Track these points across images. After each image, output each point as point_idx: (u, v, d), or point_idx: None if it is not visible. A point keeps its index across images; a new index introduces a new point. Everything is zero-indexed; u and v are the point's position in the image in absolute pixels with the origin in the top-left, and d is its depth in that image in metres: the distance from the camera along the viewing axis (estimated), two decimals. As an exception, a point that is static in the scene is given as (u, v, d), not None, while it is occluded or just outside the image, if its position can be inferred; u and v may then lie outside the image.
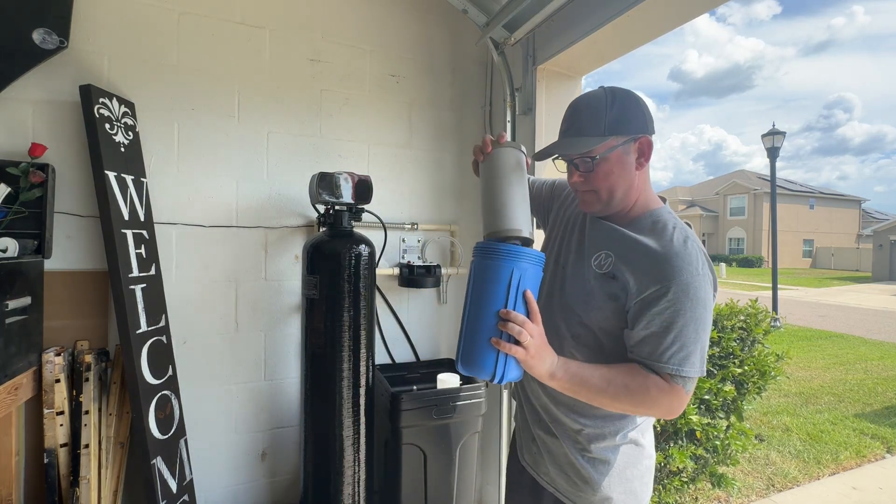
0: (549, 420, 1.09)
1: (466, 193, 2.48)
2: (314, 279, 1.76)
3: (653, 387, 0.91)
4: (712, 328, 2.51)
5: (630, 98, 1.00)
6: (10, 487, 1.58)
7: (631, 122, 0.99)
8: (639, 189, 1.03)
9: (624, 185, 1.01)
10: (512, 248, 0.94)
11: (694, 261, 0.91)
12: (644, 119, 1.00)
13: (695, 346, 0.90)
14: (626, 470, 1.02)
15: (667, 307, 0.90)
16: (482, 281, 0.94)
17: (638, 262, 0.95)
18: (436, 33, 2.40)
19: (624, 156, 0.99)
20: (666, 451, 2.44)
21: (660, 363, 0.90)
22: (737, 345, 2.61)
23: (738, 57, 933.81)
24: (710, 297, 0.92)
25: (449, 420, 1.87)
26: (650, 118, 1.01)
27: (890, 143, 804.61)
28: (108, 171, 1.63)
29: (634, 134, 0.99)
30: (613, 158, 0.99)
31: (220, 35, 1.98)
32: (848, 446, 3.71)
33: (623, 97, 1.00)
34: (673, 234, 0.95)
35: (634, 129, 0.99)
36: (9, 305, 1.46)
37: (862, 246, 31.62)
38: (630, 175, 1.00)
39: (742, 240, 35.12)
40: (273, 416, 2.12)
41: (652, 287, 0.91)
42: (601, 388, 0.92)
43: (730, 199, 36.67)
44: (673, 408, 0.92)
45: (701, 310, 0.90)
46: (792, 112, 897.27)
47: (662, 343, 0.90)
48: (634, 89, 1.02)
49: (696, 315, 0.89)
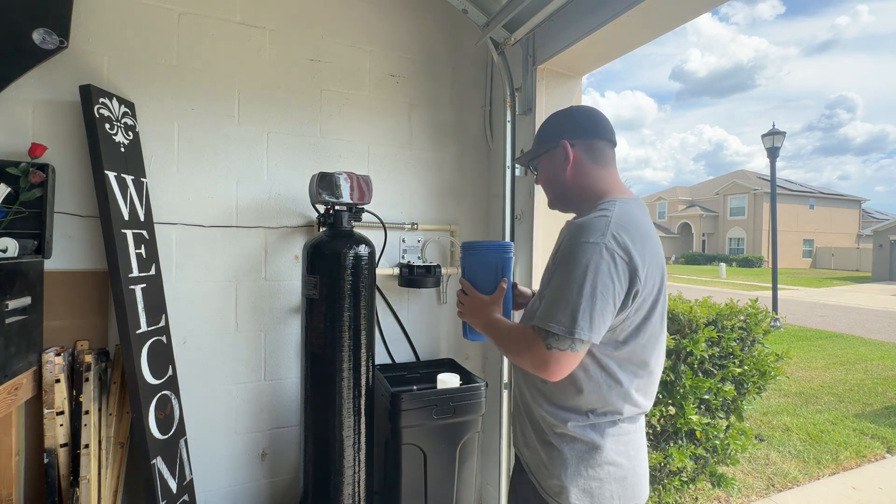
0: (522, 403, 1.19)
1: (466, 193, 2.48)
2: (314, 279, 1.76)
3: (522, 338, 1.02)
4: (711, 328, 2.52)
5: (564, 112, 1.18)
6: (11, 487, 1.58)
7: (552, 133, 1.15)
8: (582, 186, 1.12)
9: (559, 185, 1.15)
10: (462, 245, 1.27)
11: (589, 231, 0.97)
12: (562, 128, 1.14)
13: (565, 304, 0.94)
14: (580, 466, 1.04)
15: (553, 270, 1.02)
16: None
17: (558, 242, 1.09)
18: (436, 33, 2.40)
19: (549, 162, 1.16)
20: (666, 450, 2.44)
21: (533, 318, 1.01)
22: (737, 345, 2.61)
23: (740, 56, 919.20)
24: (599, 264, 0.94)
25: (449, 420, 1.87)
26: (577, 125, 1.14)
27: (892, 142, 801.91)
28: (108, 171, 1.63)
29: (554, 142, 1.14)
30: (543, 165, 1.19)
31: (221, 35, 1.98)
32: (848, 446, 3.71)
33: (559, 113, 1.18)
34: (591, 213, 1.04)
35: (555, 137, 1.14)
36: (9, 305, 1.46)
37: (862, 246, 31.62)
38: (561, 176, 1.14)
39: (742, 240, 35.12)
40: (273, 416, 2.12)
41: (551, 258, 1.07)
42: (500, 338, 1.11)
43: (730, 199, 36.67)
44: (535, 361, 0.98)
45: (579, 273, 0.94)
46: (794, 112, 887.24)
47: (539, 300, 1.02)
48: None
49: (573, 277, 0.94)
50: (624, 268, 0.94)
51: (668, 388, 2.48)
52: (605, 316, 0.94)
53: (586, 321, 0.92)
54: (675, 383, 2.48)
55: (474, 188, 2.50)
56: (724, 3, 1.54)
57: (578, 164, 1.12)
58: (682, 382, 2.45)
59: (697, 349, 2.44)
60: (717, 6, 1.56)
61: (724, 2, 1.53)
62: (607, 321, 0.95)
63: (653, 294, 1.01)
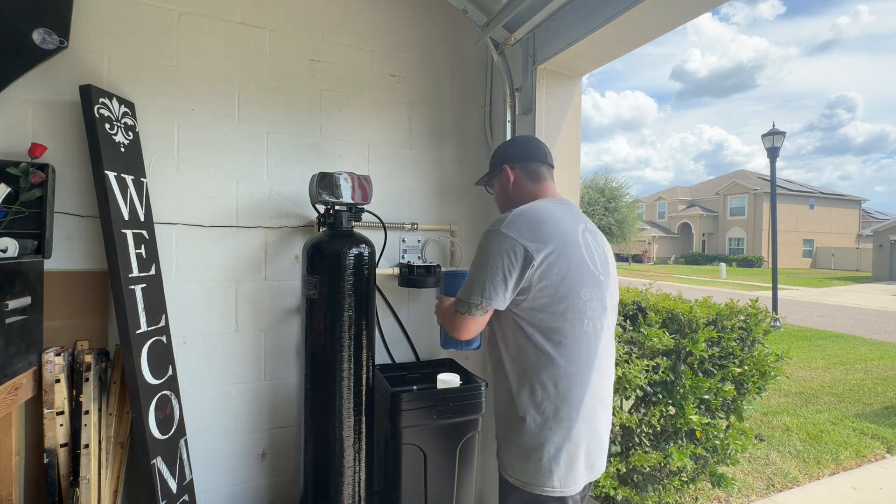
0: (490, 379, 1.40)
1: (466, 193, 2.48)
2: (314, 279, 1.76)
3: (449, 311, 1.30)
4: (711, 328, 2.52)
5: (508, 142, 1.51)
6: (10, 487, 1.58)
7: (498, 160, 1.45)
8: (521, 197, 1.38)
9: (505, 198, 1.44)
10: (444, 272, 1.97)
11: (492, 224, 1.23)
12: (505, 156, 1.44)
13: (469, 279, 1.23)
14: (510, 436, 1.24)
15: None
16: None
17: None
18: (436, 33, 2.40)
19: (498, 182, 1.46)
20: (666, 450, 2.44)
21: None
22: (737, 345, 2.61)
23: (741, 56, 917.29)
24: (489, 244, 1.20)
25: (449, 420, 1.87)
26: (516, 153, 1.42)
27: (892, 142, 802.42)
28: (108, 171, 1.63)
29: (500, 167, 1.43)
30: (494, 185, 1.48)
31: (221, 35, 1.98)
32: (848, 446, 3.71)
33: (504, 143, 1.51)
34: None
35: (500, 163, 1.43)
36: (9, 305, 1.46)
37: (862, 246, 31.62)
38: (506, 192, 1.42)
39: (742, 240, 35.12)
40: (273, 416, 2.12)
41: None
42: (445, 318, 1.37)
43: (730, 199, 36.68)
44: (456, 325, 1.26)
45: (480, 254, 1.22)
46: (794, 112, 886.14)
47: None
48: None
49: (478, 259, 1.22)
50: (513, 245, 1.16)
51: (667, 387, 2.48)
52: (496, 284, 1.17)
53: (479, 288, 1.19)
54: (674, 383, 2.47)
55: (474, 188, 2.50)
56: (724, 3, 1.54)
57: (517, 182, 1.40)
58: (682, 382, 2.45)
59: (697, 349, 2.44)
60: (717, 6, 1.57)
61: (724, 2, 1.53)
62: (499, 288, 1.17)
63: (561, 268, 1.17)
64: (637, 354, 2.47)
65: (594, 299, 1.21)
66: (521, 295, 1.18)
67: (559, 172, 2.13)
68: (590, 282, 1.21)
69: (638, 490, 2.47)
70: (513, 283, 1.17)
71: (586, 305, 1.19)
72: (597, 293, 1.22)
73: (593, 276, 1.22)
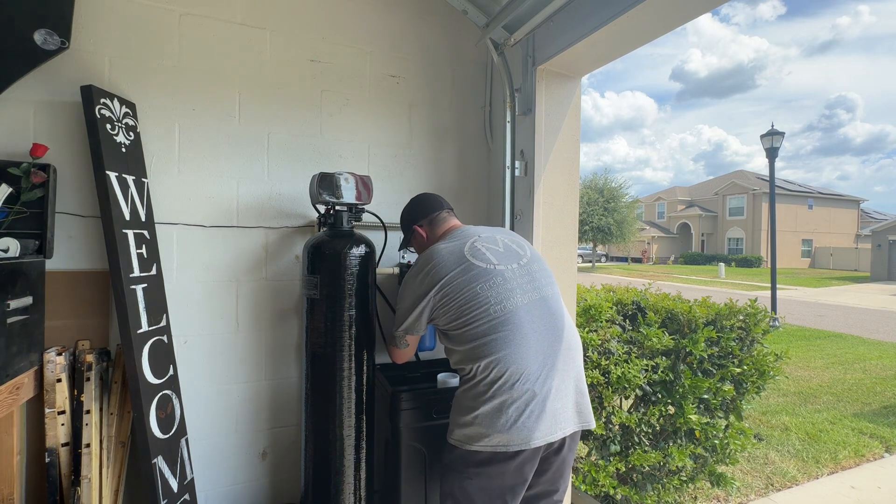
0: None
1: (466, 193, 2.49)
2: (315, 279, 1.77)
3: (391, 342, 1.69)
4: (710, 328, 2.54)
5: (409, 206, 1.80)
6: (12, 487, 1.58)
7: (408, 222, 1.76)
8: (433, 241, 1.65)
9: (423, 247, 1.69)
10: None
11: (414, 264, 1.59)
12: (412, 217, 1.75)
13: (398, 315, 1.58)
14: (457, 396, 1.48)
15: None
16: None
17: None
18: (436, 33, 2.41)
19: (414, 239, 1.76)
20: (665, 450, 2.45)
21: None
22: (736, 344, 2.62)
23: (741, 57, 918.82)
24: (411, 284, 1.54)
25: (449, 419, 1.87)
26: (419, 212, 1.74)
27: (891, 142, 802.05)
28: (109, 172, 1.64)
29: (411, 228, 1.75)
30: (412, 242, 1.78)
31: (221, 36, 1.98)
32: (846, 445, 3.72)
33: (407, 207, 1.80)
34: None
35: (410, 224, 1.75)
36: (10, 305, 1.46)
37: (861, 246, 31.66)
38: (422, 243, 1.72)
39: (741, 240, 35.16)
40: (273, 416, 2.12)
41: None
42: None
43: (729, 200, 36.72)
44: (391, 353, 1.74)
45: (401, 291, 1.60)
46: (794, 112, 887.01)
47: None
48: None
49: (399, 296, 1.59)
50: (423, 279, 1.49)
51: (667, 387, 2.49)
52: (410, 314, 1.52)
53: (400, 323, 1.58)
54: (674, 383, 2.48)
55: (474, 188, 2.50)
56: (724, 3, 1.54)
57: (428, 234, 1.71)
58: (682, 382, 2.46)
59: (696, 349, 2.45)
60: (717, 6, 1.57)
61: (724, 2, 1.54)
62: (412, 318, 1.52)
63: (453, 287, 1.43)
64: (636, 354, 2.47)
65: (497, 285, 1.41)
66: (434, 320, 1.51)
67: (558, 173, 2.14)
68: (484, 277, 1.42)
69: (637, 489, 2.48)
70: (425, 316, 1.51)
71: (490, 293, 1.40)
72: (499, 280, 1.42)
73: (487, 271, 1.44)
